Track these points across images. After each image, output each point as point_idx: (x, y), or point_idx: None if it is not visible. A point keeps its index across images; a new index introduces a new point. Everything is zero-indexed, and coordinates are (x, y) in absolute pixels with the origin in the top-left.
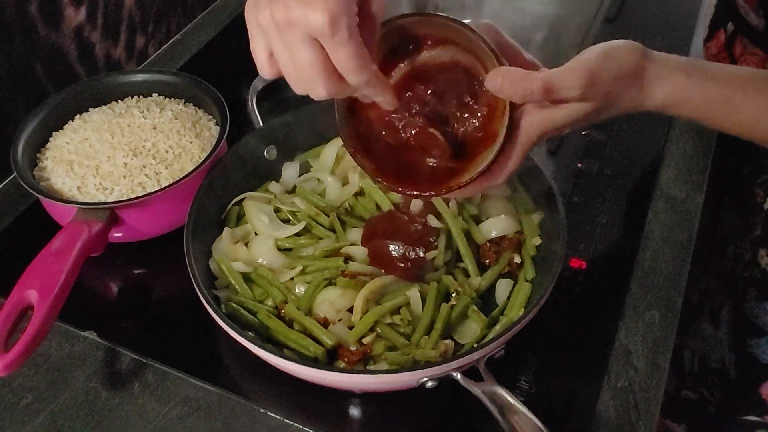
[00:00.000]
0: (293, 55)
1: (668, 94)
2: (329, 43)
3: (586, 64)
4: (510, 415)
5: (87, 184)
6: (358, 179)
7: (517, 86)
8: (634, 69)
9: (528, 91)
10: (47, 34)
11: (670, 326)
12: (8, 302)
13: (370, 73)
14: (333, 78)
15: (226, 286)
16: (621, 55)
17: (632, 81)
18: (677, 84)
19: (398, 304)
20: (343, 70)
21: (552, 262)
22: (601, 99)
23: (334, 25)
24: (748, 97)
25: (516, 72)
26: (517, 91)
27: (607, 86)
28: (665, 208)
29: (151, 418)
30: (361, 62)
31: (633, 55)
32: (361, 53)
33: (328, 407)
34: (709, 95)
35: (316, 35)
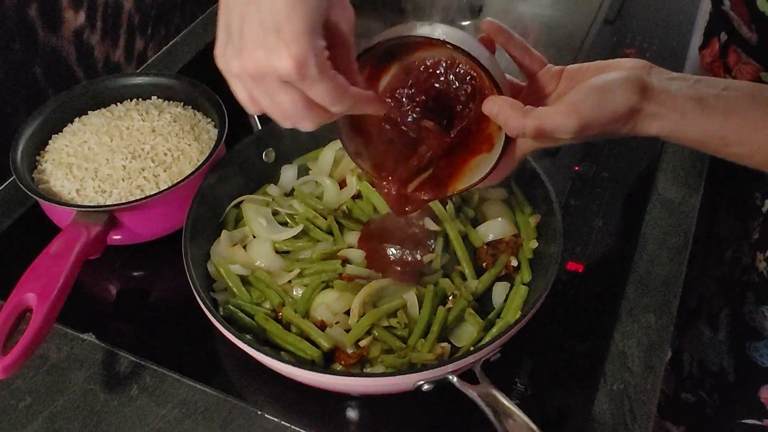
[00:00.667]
0: (273, 100)
1: (662, 131)
2: (302, 85)
3: (579, 110)
4: (505, 418)
5: (86, 187)
6: (356, 182)
7: (512, 123)
8: (630, 110)
9: (521, 130)
10: (47, 37)
11: (665, 329)
12: (7, 305)
13: (351, 100)
14: (315, 111)
15: (224, 289)
16: (617, 97)
17: (625, 121)
18: (672, 123)
19: (395, 307)
20: (323, 103)
21: (548, 266)
22: (593, 137)
23: (302, 69)
24: (743, 133)
25: (512, 106)
26: (511, 127)
27: (599, 129)
28: (662, 212)
29: (149, 420)
30: (339, 93)
31: (630, 96)
32: (335, 86)
33: (324, 410)
34: (704, 133)
35: (288, 80)
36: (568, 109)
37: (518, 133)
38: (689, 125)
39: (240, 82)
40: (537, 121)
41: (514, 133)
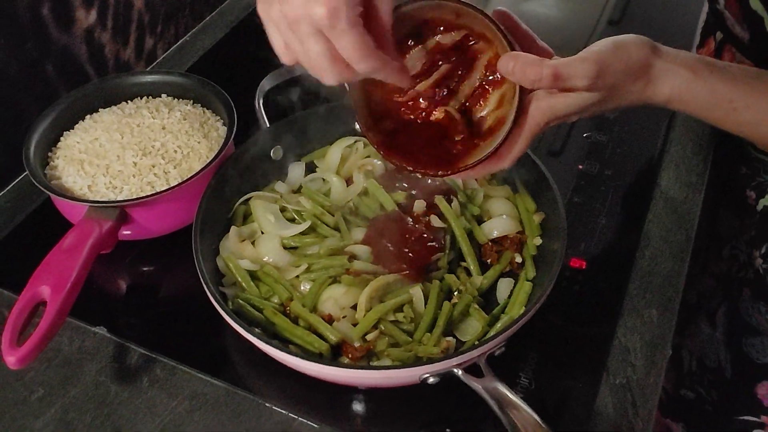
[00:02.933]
0: (304, 47)
1: (674, 90)
2: (331, 33)
3: (596, 56)
4: (510, 411)
5: (97, 183)
6: (362, 179)
7: (528, 71)
8: (642, 63)
9: (538, 77)
10: (59, 36)
11: (667, 325)
12: (22, 298)
13: (376, 60)
14: (341, 66)
15: (233, 284)
16: (630, 49)
17: (639, 75)
18: (683, 80)
19: (401, 302)
20: (349, 58)
21: (552, 262)
22: (608, 90)
23: (334, 17)
24: (751, 99)
25: (528, 57)
26: (528, 76)
27: (615, 78)
28: (664, 209)
29: (160, 412)
30: (365, 50)
31: (642, 50)
32: (363, 41)
33: (332, 402)
34: (714, 94)
35: (319, 27)
36: (585, 56)
37: (535, 81)
38: (700, 84)
39: (277, 28)
40: (553, 68)
41: (531, 81)
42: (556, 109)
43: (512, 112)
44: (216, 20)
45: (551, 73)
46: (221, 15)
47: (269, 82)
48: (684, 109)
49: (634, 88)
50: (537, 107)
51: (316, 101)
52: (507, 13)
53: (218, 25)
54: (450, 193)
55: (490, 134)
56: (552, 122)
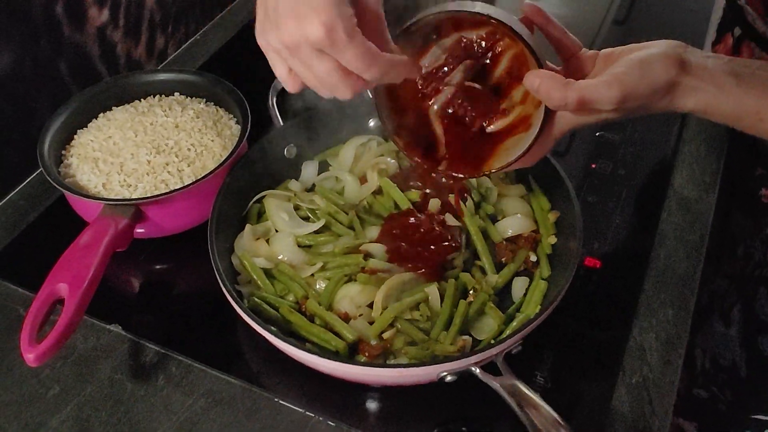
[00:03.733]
0: (309, 69)
1: (698, 104)
2: (333, 50)
3: (621, 80)
4: (529, 409)
5: (112, 181)
6: (376, 178)
7: (553, 94)
8: (669, 84)
9: (563, 102)
10: (71, 34)
11: (683, 324)
12: (40, 295)
13: (384, 64)
14: (351, 78)
15: (248, 282)
16: (657, 70)
17: (664, 94)
18: (708, 96)
19: (417, 300)
20: (356, 70)
21: (567, 261)
22: (630, 111)
23: (331, 34)
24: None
25: (553, 80)
26: (553, 99)
27: (639, 101)
28: (678, 209)
29: (176, 410)
30: (370, 59)
31: (669, 69)
32: (366, 50)
33: (347, 400)
34: (740, 107)
35: (319, 47)
36: (610, 81)
37: (560, 105)
38: (726, 99)
39: (278, 56)
40: (579, 93)
41: (556, 104)
42: (580, 121)
43: (538, 121)
44: (226, 19)
45: (576, 98)
46: (232, 13)
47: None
48: (708, 118)
49: (658, 105)
50: (562, 115)
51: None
52: (537, 7)
53: (229, 23)
54: (464, 191)
55: (515, 129)
56: (576, 128)
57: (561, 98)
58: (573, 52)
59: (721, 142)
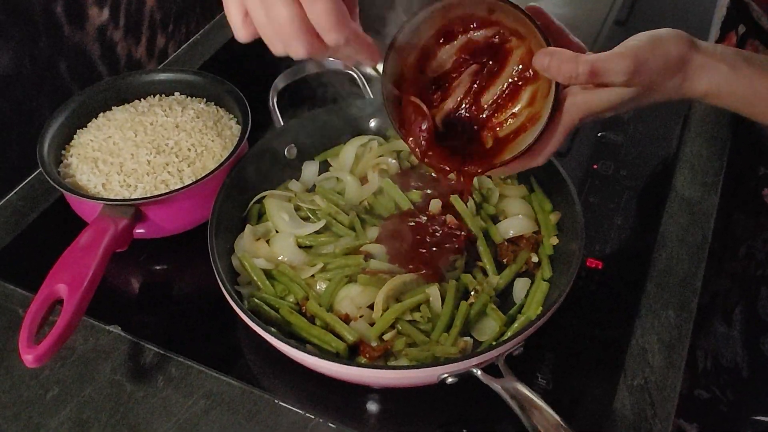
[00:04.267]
0: (270, 13)
1: (711, 86)
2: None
3: (634, 52)
4: (531, 411)
5: (111, 181)
6: (377, 179)
7: (564, 67)
8: (680, 59)
9: (574, 73)
10: (71, 34)
11: (685, 326)
12: (39, 295)
13: (348, 31)
14: (311, 35)
15: (249, 283)
16: (668, 45)
17: (677, 70)
18: (721, 76)
19: (418, 302)
20: (321, 27)
21: (569, 262)
22: (644, 87)
23: None
24: None
25: (564, 53)
26: (564, 72)
27: (652, 74)
28: (680, 210)
29: (176, 411)
30: (338, 18)
31: (680, 46)
32: (337, 8)
33: (347, 402)
34: (753, 89)
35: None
36: (623, 52)
37: (572, 77)
38: (739, 79)
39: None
40: (590, 64)
41: (567, 76)
42: (591, 104)
43: (548, 109)
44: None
45: (588, 69)
46: None
47: (283, 80)
48: (720, 104)
49: (670, 84)
50: (572, 103)
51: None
52: (540, 9)
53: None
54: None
55: (522, 131)
56: (586, 118)
57: (572, 69)
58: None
59: (723, 142)
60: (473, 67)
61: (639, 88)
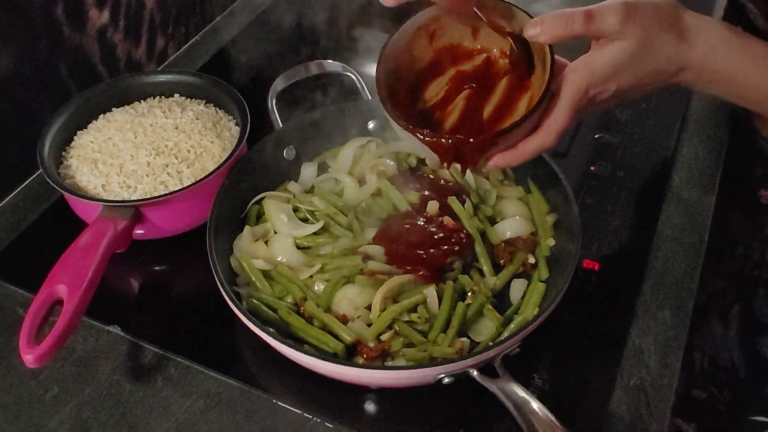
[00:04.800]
0: None
1: (708, 46)
2: None
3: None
4: (526, 412)
5: (111, 182)
6: (375, 180)
7: (557, 20)
8: (671, 13)
9: (570, 20)
10: (71, 36)
11: (681, 326)
12: (39, 296)
13: None
14: None
15: (247, 283)
16: None
17: (670, 25)
18: (718, 36)
19: (415, 302)
20: None
21: (565, 263)
22: (640, 38)
23: None
24: None
25: (553, 14)
26: (558, 24)
27: (645, 22)
28: (677, 211)
29: (174, 411)
30: None
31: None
32: None
33: (345, 402)
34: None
35: None
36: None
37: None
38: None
39: None
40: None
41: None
42: (592, 66)
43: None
44: (227, 20)
45: (582, 12)
46: (232, 15)
47: (282, 82)
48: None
49: (666, 39)
50: (572, 69)
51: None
52: None
53: (229, 24)
54: (463, 193)
55: None
56: (592, 88)
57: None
58: None
59: (721, 143)
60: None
61: (635, 43)
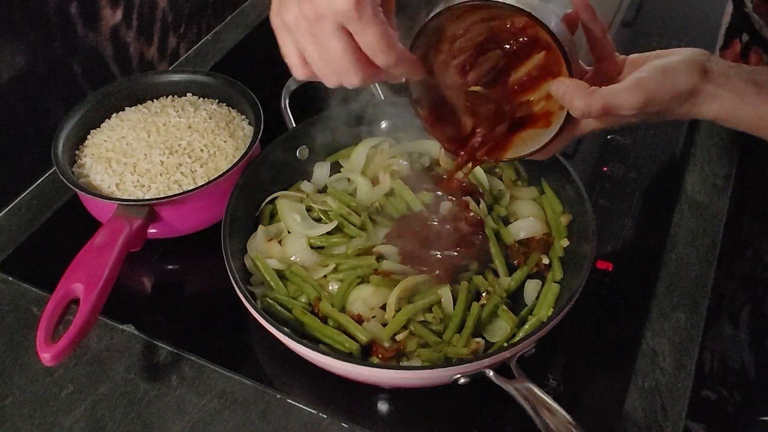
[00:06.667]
0: (323, 49)
1: (720, 113)
2: (356, 26)
3: (644, 86)
4: (543, 412)
5: (125, 182)
6: (388, 180)
7: (578, 103)
8: (691, 91)
9: (587, 111)
10: (85, 35)
11: (695, 328)
12: (55, 295)
13: (398, 52)
14: (363, 63)
15: (261, 283)
16: (679, 76)
17: (686, 101)
18: (729, 104)
19: (430, 303)
20: (372, 51)
21: (579, 264)
22: (653, 114)
23: (359, 6)
24: None
25: (579, 87)
26: (577, 108)
27: (661, 106)
28: (690, 213)
29: (189, 410)
30: (388, 41)
31: (691, 77)
32: (386, 32)
33: (359, 402)
34: (760, 117)
35: (343, 21)
36: (633, 85)
37: (584, 114)
38: (746, 107)
39: (291, 35)
40: (603, 100)
41: (580, 113)
42: (601, 124)
43: (559, 123)
44: (239, 19)
45: (600, 106)
46: (243, 14)
47: (295, 81)
48: (730, 126)
49: (679, 111)
50: (584, 121)
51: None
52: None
53: (240, 24)
54: (477, 194)
55: (536, 122)
56: (595, 131)
57: (585, 107)
58: (607, 54)
59: (734, 145)
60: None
61: (648, 116)
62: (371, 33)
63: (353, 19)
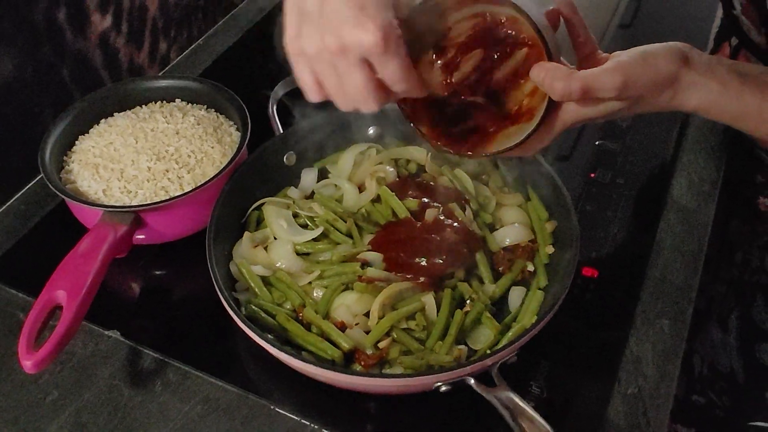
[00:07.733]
0: (343, 80)
1: (701, 102)
2: (381, 59)
3: (624, 68)
4: (522, 420)
5: (112, 188)
6: (375, 186)
7: (557, 84)
8: (670, 76)
9: (566, 91)
10: (74, 40)
11: (679, 335)
12: (38, 302)
13: (414, 79)
14: (382, 92)
15: (246, 289)
16: (659, 62)
17: (666, 87)
18: (712, 93)
19: (413, 310)
20: (393, 81)
21: (564, 271)
22: (634, 100)
23: (387, 40)
24: None
25: (558, 70)
26: (557, 89)
27: (641, 90)
28: (677, 219)
29: (173, 416)
30: (407, 71)
31: (671, 63)
32: (407, 63)
33: (343, 409)
34: (743, 107)
35: (368, 55)
36: (612, 67)
37: (564, 95)
38: (729, 97)
39: (311, 64)
40: (582, 82)
41: (560, 94)
42: (583, 112)
43: (540, 112)
44: (229, 24)
45: (579, 87)
46: (234, 19)
47: (283, 88)
48: (711, 117)
49: (660, 98)
50: (566, 110)
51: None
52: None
53: (231, 29)
54: (462, 200)
55: (519, 118)
56: (577, 123)
57: (564, 87)
58: (589, 52)
59: (721, 151)
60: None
61: (628, 101)
62: (394, 65)
63: (379, 54)
